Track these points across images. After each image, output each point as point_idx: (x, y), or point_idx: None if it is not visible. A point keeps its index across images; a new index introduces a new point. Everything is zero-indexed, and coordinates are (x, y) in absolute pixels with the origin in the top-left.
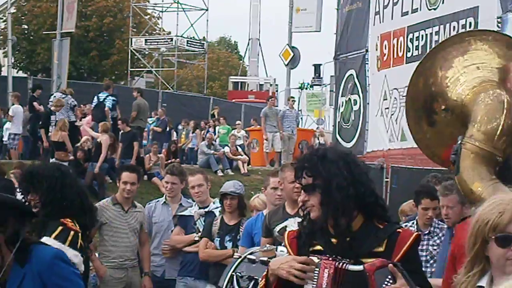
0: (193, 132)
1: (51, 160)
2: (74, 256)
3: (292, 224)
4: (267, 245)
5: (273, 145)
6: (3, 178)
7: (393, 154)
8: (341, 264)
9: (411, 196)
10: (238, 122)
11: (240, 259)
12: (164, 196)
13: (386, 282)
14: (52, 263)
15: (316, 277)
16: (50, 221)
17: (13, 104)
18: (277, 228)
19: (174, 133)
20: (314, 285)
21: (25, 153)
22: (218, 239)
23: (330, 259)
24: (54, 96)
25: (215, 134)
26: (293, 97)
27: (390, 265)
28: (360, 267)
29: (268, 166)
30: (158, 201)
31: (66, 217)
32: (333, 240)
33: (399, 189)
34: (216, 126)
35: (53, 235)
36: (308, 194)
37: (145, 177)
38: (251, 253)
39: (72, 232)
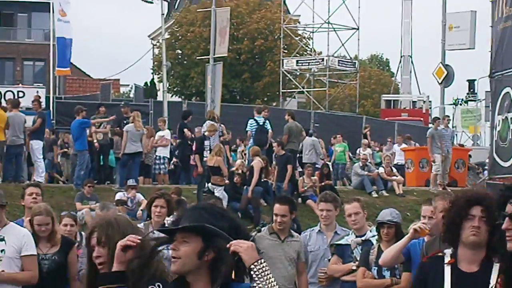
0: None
1: (207, 185)
2: None
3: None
4: None
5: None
6: (225, 218)
7: None
8: None
9: None
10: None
11: None
12: (319, 224)
13: None
14: None
15: None
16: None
17: (159, 130)
18: None
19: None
20: None
21: (174, 178)
22: (376, 268)
23: None
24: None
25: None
26: (448, 116)
27: None
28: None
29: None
30: (313, 229)
31: None
32: None
33: None
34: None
35: None
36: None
37: (299, 199)
38: None
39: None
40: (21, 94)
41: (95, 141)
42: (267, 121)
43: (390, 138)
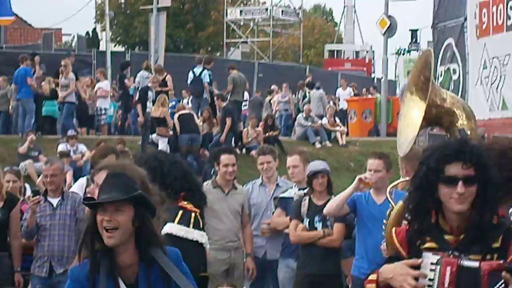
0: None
1: (151, 136)
2: (200, 236)
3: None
4: None
5: None
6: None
7: (494, 123)
8: (460, 261)
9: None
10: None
11: None
12: (261, 177)
13: (498, 285)
14: (179, 263)
15: (436, 277)
16: (169, 207)
17: (98, 81)
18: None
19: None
20: (431, 285)
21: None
22: (308, 220)
23: (451, 256)
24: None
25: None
26: None
27: (504, 272)
28: (475, 264)
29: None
30: (255, 182)
31: (182, 200)
32: (448, 236)
33: None
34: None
35: (176, 220)
36: (466, 186)
37: (243, 150)
38: None
39: (193, 214)
40: None
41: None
42: (205, 72)
43: (285, 84)
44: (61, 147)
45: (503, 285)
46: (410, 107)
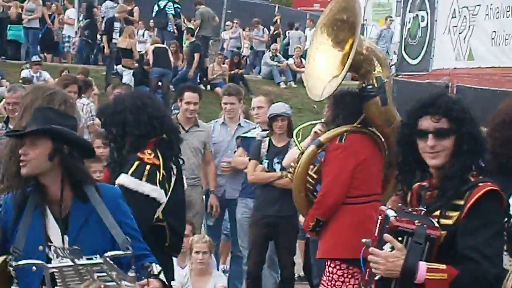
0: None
1: (116, 67)
2: (152, 190)
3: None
4: None
5: None
6: (71, 117)
7: (459, 73)
8: (387, 210)
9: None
10: None
11: None
12: (223, 116)
13: (386, 245)
14: (117, 202)
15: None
16: (129, 156)
17: (66, 8)
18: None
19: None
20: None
21: (81, 57)
22: (267, 161)
23: (389, 206)
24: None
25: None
26: (391, 17)
27: (386, 234)
28: (391, 214)
29: None
30: (216, 121)
31: (146, 147)
32: (425, 192)
33: None
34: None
35: (130, 171)
36: (437, 138)
37: (208, 87)
38: None
39: (148, 167)
40: None
41: None
42: (170, 4)
43: (236, 20)
44: (25, 73)
45: (390, 248)
46: (323, 50)
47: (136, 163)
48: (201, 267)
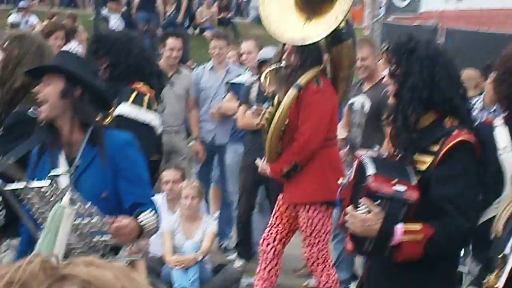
0: None
1: (102, 12)
2: (153, 119)
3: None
4: None
5: None
6: (93, 66)
7: (448, 15)
8: (364, 158)
9: (465, 60)
10: None
11: None
12: (212, 61)
13: (363, 206)
14: (124, 148)
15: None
16: (123, 88)
17: None
18: None
19: None
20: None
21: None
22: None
23: (361, 153)
24: None
25: None
26: None
27: (363, 198)
28: (369, 172)
29: None
30: (204, 66)
31: (136, 81)
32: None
33: (452, 51)
34: None
35: (130, 100)
36: (390, 79)
37: (197, 30)
38: None
39: (147, 96)
40: None
41: None
42: None
43: None
44: (12, 17)
45: (366, 210)
46: None
47: (134, 93)
48: (190, 212)
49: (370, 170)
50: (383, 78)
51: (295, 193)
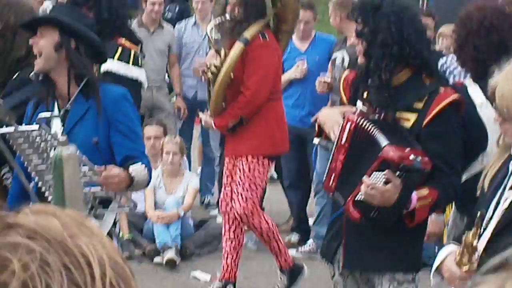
0: None
1: None
2: (140, 74)
3: None
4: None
5: None
6: (90, 19)
7: None
8: (364, 123)
9: (449, 18)
10: None
11: None
12: (194, 16)
13: (382, 177)
14: (118, 101)
15: (338, 132)
16: (109, 44)
17: None
18: None
19: None
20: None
21: None
22: None
23: (357, 113)
24: None
25: None
26: None
27: (387, 170)
28: (383, 142)
29: None
30: (187, 22)
31: (119, 37)
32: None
33: (436, 8)
34: None
35: (116, 56)
36: (358, 38)
37: None
38: None
39: (132, 51)
40: None
41: None
42: None
43: None
44: None
45: (384, 179)
46: None
47: (120, 48)
48: (172, 168)
49: (383, 140)
50: None
51: (238, 146)
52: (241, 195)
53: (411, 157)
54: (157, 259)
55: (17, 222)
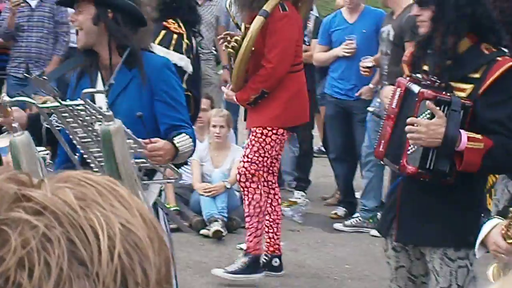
0: None
1: None
2: (179, 59)
3: None
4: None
5: None
6: None
7: None
8: (409, 84)
9: None
10: None
11: None
12: None
13: (425, 113)
14: (161, 70)
15: (389, 96)
16: (155, 26)
17: None
18: None
19: None
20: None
21: None
22: None
23: (408, 79)
24: None
25: None
26: None
27: (428, 102)
28: (416, 89)
29: None
30: None
31: (170, 17)
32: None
33: None
34: None
35: (157, 40)
36: (421, 8)
37: None
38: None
39: (175, 36)
40: None
41: None
42: None
43: None
44: None
45: (428, 116)
46: None
47: (163, 32)
48: (219, 141)
49: (416, 88)
50: (408, 7)
51: (258, 118)
52: (248, 156)
53: (448, 94)
54: (203, 231)
55: (29, 195)
